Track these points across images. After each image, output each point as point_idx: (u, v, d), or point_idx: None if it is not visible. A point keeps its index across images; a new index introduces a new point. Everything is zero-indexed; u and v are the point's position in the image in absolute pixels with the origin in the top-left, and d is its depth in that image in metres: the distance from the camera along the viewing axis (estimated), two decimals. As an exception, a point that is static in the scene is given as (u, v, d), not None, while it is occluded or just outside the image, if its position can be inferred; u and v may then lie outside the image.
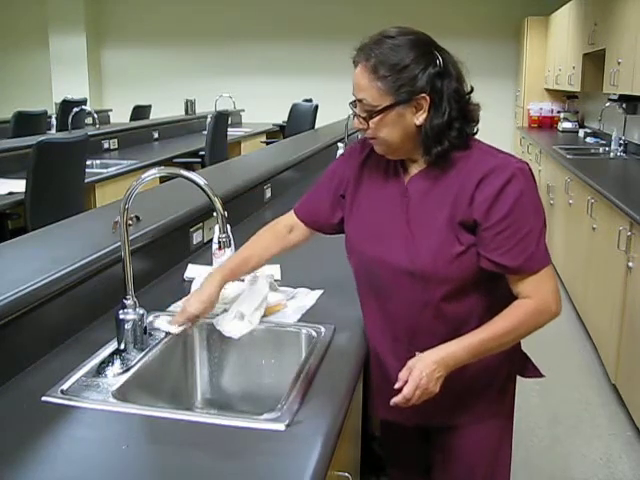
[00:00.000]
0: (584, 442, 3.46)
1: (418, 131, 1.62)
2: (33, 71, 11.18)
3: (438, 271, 1.65)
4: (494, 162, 1.62)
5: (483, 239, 1.61)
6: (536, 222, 1.62)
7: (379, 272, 1.75)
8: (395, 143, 1.65)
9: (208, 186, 1.73)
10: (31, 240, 2.26)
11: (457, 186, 1.63)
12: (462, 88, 1.64)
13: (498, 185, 1.58)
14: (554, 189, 6.13)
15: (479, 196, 1.60)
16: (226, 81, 10.28)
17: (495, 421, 1.89)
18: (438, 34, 1.71)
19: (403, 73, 1.56)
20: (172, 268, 2.47)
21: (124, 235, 1.75)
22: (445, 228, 1.64)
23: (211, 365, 1.97)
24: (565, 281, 5.52)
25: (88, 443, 1.39)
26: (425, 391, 1.59)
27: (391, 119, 1.60)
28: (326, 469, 1.30)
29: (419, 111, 1.60)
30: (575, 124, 8.30)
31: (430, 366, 1.59)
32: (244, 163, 4.78)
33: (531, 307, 1.64)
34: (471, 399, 1.83)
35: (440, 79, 1.59)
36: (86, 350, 1.77)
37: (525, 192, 1.59)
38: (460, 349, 1.62)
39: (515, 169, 1.60)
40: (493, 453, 1.91)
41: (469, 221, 1.61)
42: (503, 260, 1.60)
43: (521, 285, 1.64)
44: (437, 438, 1.94)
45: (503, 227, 1.58)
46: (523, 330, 1.66)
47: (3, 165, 4.85)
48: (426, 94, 1.58)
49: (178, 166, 5.78)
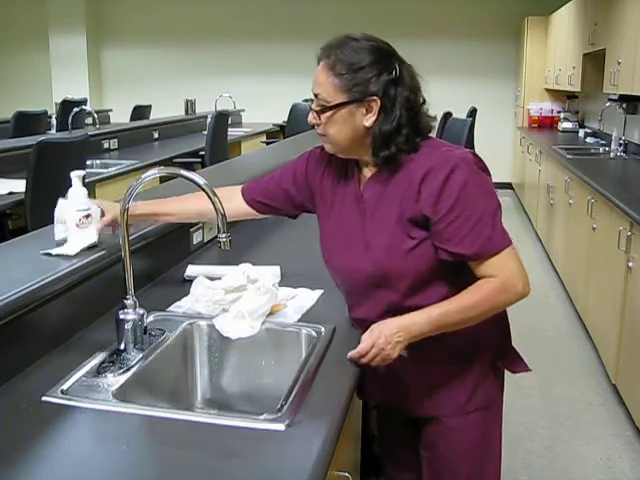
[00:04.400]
0: (584, 442, 3.46)
1: (367, 133, 1.69)
2: (33, 71, 11.18)
3: (392, 267, 1.70)
4: (436, 157, 1.67)
5: (436, 232, 1.65)
6: (487, 206, 1.65)
7: (348, 280, 1.84)
8: (343, 142, 1.71)
9: (208, 186, 1.73)
10: (31, 240, 2.26)
11: (404, 185, 1.68)
12: (415, 98, 1.70)
13: (441, 178, 1.62)
14: (554, 189, 6.13)
15: (425, 191, 1.64)
16: (226, 81, 10.28)
17: (479, 415, 1.87)
18: (438, 34, 1.75)
19: (358, 73, 1.63)
20: (172, 268, 2.47)
21: (124, 235, 1.76)
22: (395, 226, 1.69)
23: (211, 365, 1.97)
24: (565, 281, 5.52)
25: (88, 443, 1.40)
26: (381, 352, 1.66)
27: (342, 117, 1.67)
28: (326, 469, 1.30)
29: (369, 113, 1.66)
30: (575, 124, 8.31)
31: (391, 329, 1.66)
32: (244, 163, 4.78)
33: (495, 284, 1.66)
34: (450, 384, 1.84)
35: (394, 86, 1.65)
36: (86, 350, 1.77)
37: (470, 179, 1.63)
38: (422, 318, 1.67)
39: (457, 159, 1.64)
40: (479, 450, 1.91)
41: (418, 217, 1.66)
42: (459, 249, 1.64)
43: (483, 268, 1.66)
44: (424, 434, 1.95)
45: (453, 217, 1.62)
46: (487, 306, 1.69)
47: (3, 165, 4.85)
48: (378, 97, 1.64)
49: (178, 166, 5.77)
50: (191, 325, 1.97)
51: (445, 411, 1.86)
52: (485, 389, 1.88)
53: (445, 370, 1.83)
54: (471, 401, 1.85)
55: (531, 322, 1.81)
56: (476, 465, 1.92)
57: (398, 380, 1.85)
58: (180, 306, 2.10)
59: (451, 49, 9.51)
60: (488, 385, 1.89)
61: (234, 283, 2.05)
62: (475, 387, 1.85)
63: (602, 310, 4.24)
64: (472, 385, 1.85)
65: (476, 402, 1.86)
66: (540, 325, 4.84)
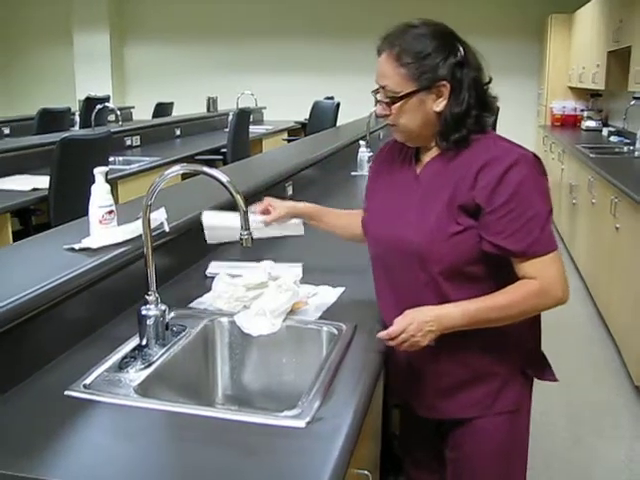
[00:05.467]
0: (606, 444, 3.43)
1: (437, 118, 1.70)
2: (57, 69, 11.26)
3: (433, 248, 1.69)
4: (498, 150, 1.68)
5: (486, 223, 1.64)
6: (541, 208, 1.65)
7: (389, 251, 1.82)
8: (415, 129, 1.73)
9: (231, 183, 1.73)
10: (55, 236, 2.27)
11: (462, 169, 1.68)
12: (481, 77, 1.72)
13: (500, 169, 1.62)
14: (577, 188, 6.08)
15: (481, 180, 1.64)
16: (248, 78, 10.29)
17: (507, 417, 1.85)
18: (461, 32, 1.76)
19: (425, 60, 1.65)
20: (194, 265, 2.48)
21: (147, 231, 1.76)
22: (445, 208, 1.69)
23: (232, 361, 1.98)
24: (587, 281, 5.47)
25: (109, 437, 1.40)
26: (411, 338, 1.65)
27: (412, 105, 1.68)
28: (346, 466, 1.30)
29: (439, 98, 1.68)
30: (599, 123, 8.23)
31: (424, 316, 1.65)
32: (266, 160, 4.78)
33: (535, 286, 1.65)
34: (475, 385, 1.82)
35: (460, 68, 1.67)
36: (108, 345, 1.78)
37: (528, 178, 1.64)
38: (457, 311, 1.67)
39: (519, 156, 1.65)
40: (505, 454, 1.89)
41: (470, 204, 1.66)
42: (506, 244, 1.63)
43: (526, 268, 1.65)
44: (450, 436, 1.94)
45: (506, 211, 1.62)
46: (524, 308, 1.68)
47: (27, 161, 4.89)
48: (447, 82, 1.66)
49: (200, 163, 5.79)
50: (212, 322, 1.98)
51: (470, 413, 1.85)
52: (512, 392, 1.85)
53: (471, 370, 1.81)
54: (496, 403, 1.83)
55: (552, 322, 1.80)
56: (502, 468, 1.90)
57: (422, 377, 1.85)
58: (202, 302, 2.10)
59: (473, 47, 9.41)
60: (515, 388, 1.86)
61: (256, 280, 2.05)
62: (500, 389, 1.83)
63: (625, 311, 4.20)
64: (497, 387, 1.83)
65: (502, 404, 1.84)
66: (561, 325, 4.81)
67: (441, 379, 1.84)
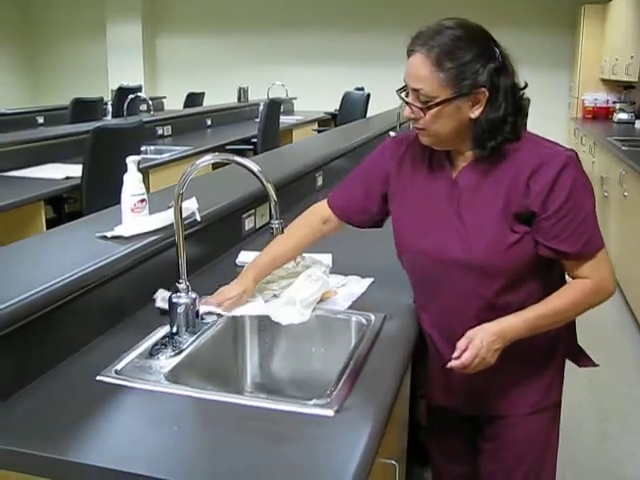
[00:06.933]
0: (634, 439, 3.41)
1: (471, 124, 1.64)
2: (91, 59, 11.37)
3: (492, 262, 1.67)
4: (545, 153, 1.64)
5: (542, 228, 1.63)
6: (590, 206, 1.65)
7: (432, 266, 1.77)
8: (446, 135, 1.66)
9: (262, 173, 1.74)
10: (87, 223, 2.30)
11: (509, 178, 1.65)
12: (517, 83, 1.66)
13: (552, 175, 1.59)
14: (608, 181, 6.01)
15: (535, 187, 1.61)
16: (279, 69, 10.31)
17: (544, 412, 1.88)
18: (492, 23, 1.71)
19: (466, 67, 1.57)
20: (224, 254, 2.50)
21: (178, 220, 1.78)
22: (499, 219, 1.65)
23: (261, 350, 1.99)
24: (618, 274, 5.40)
25: (140, 422, 1.43)
26: (482, 361, 1.63)
27: (449, 111, 1.61)
28: (374, 456, 1.31)
29: (476, 105, 1.61)
30: (631, 115, 8.11)
31: (490, 336, 1.63)
32: (296, 151, 4.79)
33: (589, 286, 1.66)
34: (526, 383, 1.83)
35: (498, 74, 1.61)
36: (139, 332, 1.80)
37: (578, 179, 1.62)
38: (519, 322, 1.66)
39: (566, 158, 1.62)
40: (542, 443, 1.90)
41: (524, 212, 1.63)
42: (563, 247, 1.63)
43: (580, 268, 1.66)
44: (486, 427, 1.94)
45: (561, 215, 1.60)
46: (580, 308, 1.70)
47: (61, 150, 4.94)
48: (485, 88, 1.59)
49: (230, 153, 5.81)
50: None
51: (519, 410, 1.86)
52: (558, 386, 1.89)
53: (523, 369, 1.82)
54: (545, 399, 1.86)
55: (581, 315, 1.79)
56: (538, 457, 1.91)
57: (473, 384, 1.83)
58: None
59: (505, 39, 9.19)
60: (560, 382, 1.90)
61: (286, 270, 2.07)
62: (550, 385, 1.86)
63: (656, 305, 4.16)
64: (548, 383, 1.85)
65: (549, 399, 1.87)
66: (590, 319, 4.73)
67: (492, 382, 1.82)
